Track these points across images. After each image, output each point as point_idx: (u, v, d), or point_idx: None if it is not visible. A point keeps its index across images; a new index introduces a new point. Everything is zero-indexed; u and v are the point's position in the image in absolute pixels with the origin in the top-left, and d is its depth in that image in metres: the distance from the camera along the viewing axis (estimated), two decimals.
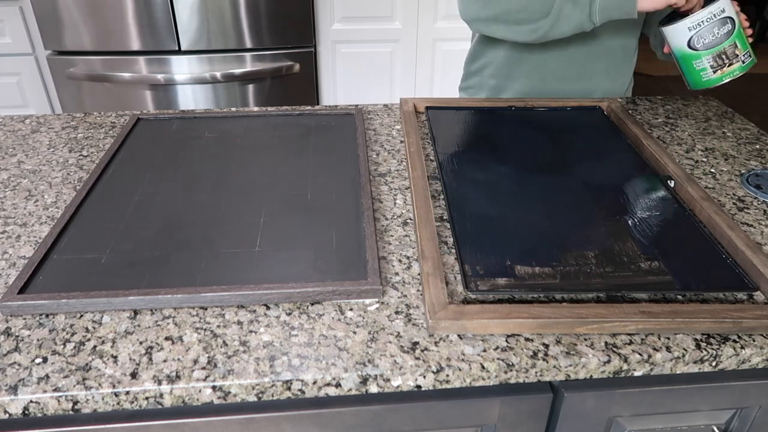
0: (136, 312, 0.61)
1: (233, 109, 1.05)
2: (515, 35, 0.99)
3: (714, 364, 0.59)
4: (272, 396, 0.55)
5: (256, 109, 1.05)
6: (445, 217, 0.76)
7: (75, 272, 0.65)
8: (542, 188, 0.80)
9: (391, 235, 0.73)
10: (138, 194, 0.79)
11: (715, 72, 0.91)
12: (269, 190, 0.80)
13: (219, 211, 0.75)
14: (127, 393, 0.53)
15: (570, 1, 0.93)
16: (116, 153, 0.89)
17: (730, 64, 0.90)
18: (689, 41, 0.90)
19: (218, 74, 1.95)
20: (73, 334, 0.58)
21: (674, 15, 0.93)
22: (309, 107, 1.06)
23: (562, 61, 1.10)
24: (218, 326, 0.59)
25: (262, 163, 0.87)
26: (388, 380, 0.55)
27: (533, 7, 0.95)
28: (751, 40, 0.93)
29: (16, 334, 0.58)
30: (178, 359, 0.56)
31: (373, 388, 0.56)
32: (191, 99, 2.00)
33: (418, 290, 0.64)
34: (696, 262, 0.67)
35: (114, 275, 0.64)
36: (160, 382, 0.53)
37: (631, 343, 0.58)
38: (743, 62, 0.90)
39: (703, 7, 0.89)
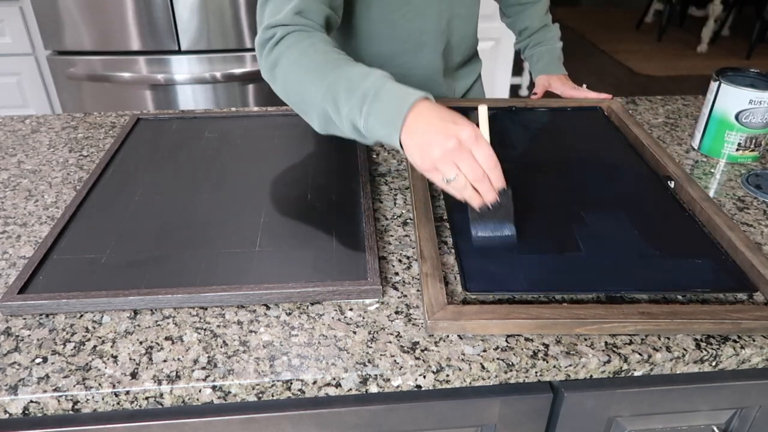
0: (136, 312, 0.61)
1: (233, 109, 1.05)
2: (307, 119, 0.76)
3: (714, 364, 0.59)
4: (272, 396, 0.55)
5: (256, 109, 1.05)
6: (444, 217, 0.76)
7: (75, 272, 0.65)
8: (542, 188, 0.80)
9: (391, 235, 0.73)
10: (138, 194, 0.79)
11: (737, 150, 0.92)
12: (269, 190, 0.80)
13: (219, 211, 0.75)
14: (127, 393, 0.53)
15: (333, 108, 0.68)
16: (116, 153, 0.89)
17: (751, 150, 0.92)
18: (740, 112, 0.89)
19: (218, 74, 1.95)
20: (73, 334, 0.58)
21: (733, 78, 0.92)
22: None
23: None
24: (218, 326, 0.59)
25: (262, 163, 0.87)
26: (388, 380, 0.55)
27: (304, 94, 0.72)
28: None
29: (16, 334, 0.58)
30: (178, 359, 0.56)
31: (373, 388, 0.56)
32: (191, 99, 2.00)
33: (418, 290, 0.64)
34: (696, 263, 0.67)
35: (114, 275, 0.64)
36: (160, 382, 0.53)
37: (631, 343, 0.58)
38: (759, 153, 0.93)
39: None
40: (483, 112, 0.69)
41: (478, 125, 0.66)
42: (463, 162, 0.62)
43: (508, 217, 0.69)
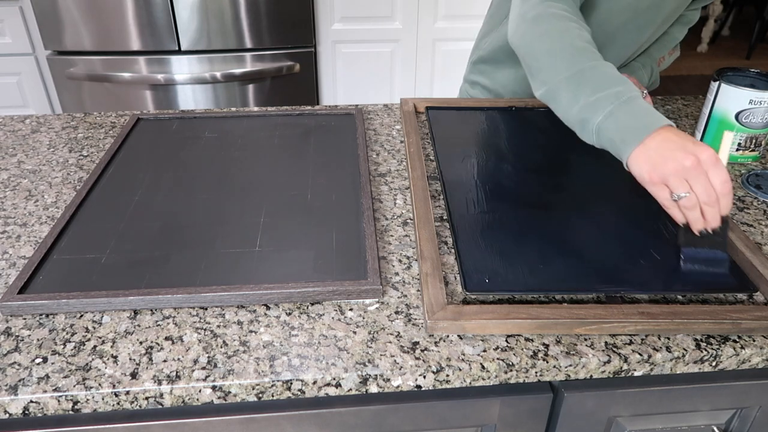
0: (136, 312, 0.61)
1: (233, 109, 1.05)
2: (531, 80, 0.78)
3: (714, 364, 0.59)
4: (272, 396, 0.55)
5: (256, 109, 1.05)
6: (444, 217, 0.76)
7: (75, 272, 0.65)
8: (542, 188, 0.80)
9: (391, 235, 0.73)
10: (138, 194, 0.79)
11: (737, 150, 0.92)
12: (269, 190, 0.80)
13: (219, 211, 0.75)
14: (127, 393, 0.53)
15: (571, 90, 0.69)
16: (116, 153, 0.89)
17: (751, 150, 0.92)
18: (740, 112, 0.89)
19: (218, 74, 1.95)
20: (73, 334, 0.58)
21: (734, 78, 0.91)
22: (309, 107, 1.06)
23: None
24: (218, 326, 0.59)
25: (262, 163, 0.87)
26: (388, 380, 0.55)
27: (547, 61, 0.73)
28: None
29: (16, 334, 0.58)
30: (178, 359, 0.56)
31: (373, 388, 0.56)
32: (191, 99, 2.01)
33: (419, 290, 0.64)
34: (696, 263, 0.67)
35: (114, 275, 0.64)
36: (160, 382, 0.53)
37: (631, 343, 0.58)
38: (759, 153, 0.92)
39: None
40: (728, 138, 0.68)
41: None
42: (698, 181, 0.61)
43: (723, 247, 0.66)
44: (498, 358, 0.56)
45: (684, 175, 0.61)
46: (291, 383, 0.54)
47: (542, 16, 0.75)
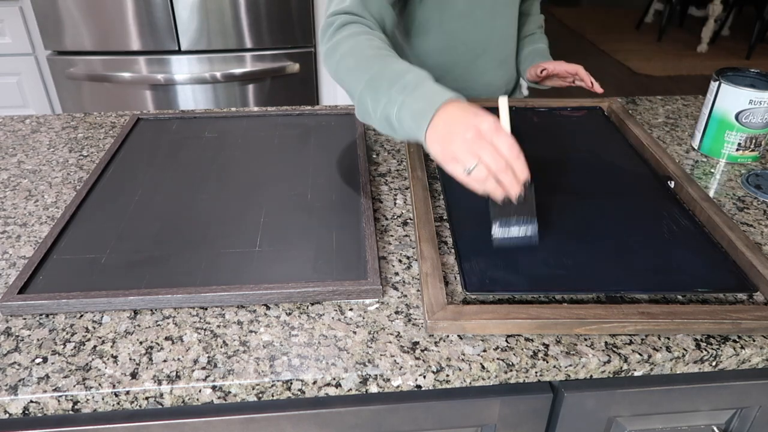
0: (136, 312, 0.61)
1: (233, 109, 1.05)
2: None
3: (714, 364, 0.59)
4: (272, 396, 0.55)
5: (256, 109, 1.05)
6: (444, 217, 0.76)
7: (75, 272, 0.65)
8: (541, 188, 0.80)
9: (391, 235, 0.73)
10: (138, 194, 0.79)
11: (737, 150, 0.92)
12: (269, 189, 0.80)
13: (219, 211, 0.75)
14: (127, 393, 0.53)
15: (372, 96, 0.71)
16: (116, 153, 0.89)
17: (751, 150, 0.92)
18: (740, 112, 0.89)
19: (218, 74, 1.95)
20: (73, 334, 0.58)
21: (734, 78, 0.91)
22: (309, 107, 1.06)
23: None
24: (218, 326, 0.59)
25: (262, 163, 0.87)
26: (388, 380, 0.55)
27: (349, 81, 0.75)
28: None
29: (16, 334, 0.58)
30: (178, 359, 0.56)
31: (373, 388, 0.56)
32: (191, 99, 2.00)
33: (419, 290, 0.64)
34: (696, 263, 0.67)
35: (114, 275, 0.64)
36: (160, 382, 0.53)
37: (631, 343, 0.58)
38: (758, 153, 0.93)
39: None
40: (503, 104, 0.68)
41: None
42: (483, 152, 0.61)
43: (531, 213, 0.66)
44: (498, 358, 0.56)
45: (469, 147, 0.61)
46: (291, 383, 0.54)
47: (335, 45, 0.78)
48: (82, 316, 0.61)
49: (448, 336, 0.58)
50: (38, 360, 0.55)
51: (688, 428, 0.66)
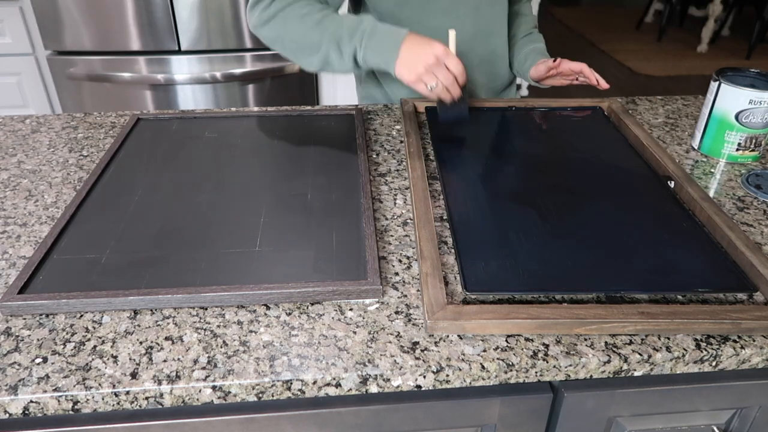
0: (136, 312, 0.61)
1: (233, 109, 1.05)
2: (297, 60, 0.93)
3: (714, 364, 0.59)
4: (272, 396, 0.55)
5: (256, 109, 1.05)
6: (444, 217, 0.76)
7: (75, 272, 0.65)
8: (542, 188, 0.80)
9: (391, 235, 0.73)
10: (138, 194, 0.79)
11: (737, 150, 0.92)
12: (269, 190, 0.80)
13: (219, 211, 0.75)
14: (127, 393, 0.53)
15: (335, 50, 0.87)
16: (116, 153, 0.89)
17: (751, 150, 0.92)
18: (740, 112, 0.88)
19: (218, 74, 1.95)
20: (73, 334, 0.58)
21: (733, 78, 0.91)
22: (309, 107, 1.06)
23: None
24: (218, 326, 0.59)
25: (262, 163, 0.87)
26: (388, 380, 0.55)
27: (303, 42, 0.89)
28: None
29: (16, 334, 0.58)
30: (178, 359, 0.56)
31: (373, 388, 0.56)
32: (191, 99, 2.00)
33: (419, 290, 0.64)
34: (696, 263, 0.67)
35: (114, 275, 0.64)
36: (160, 382, 0.53)
37: (631, 343, 0.58)
38: (759, 153, 0.93)
39: None
40: (452, 35, 0.89)
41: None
42: (440, 72, 0.84)
43: (466, 103, 0.90)
44: (498, 358, 0.56)
45: (430, 70, 0.83)
46: (291, 383, 0.54)
47: (275, 13, 0.90)
48: (82, 316, 0.61)
49: (448, 336, 0.58)
50: (38, 360, 0.55)
51: (688, 428, 0.66)
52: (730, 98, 0.89)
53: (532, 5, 1.25)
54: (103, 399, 0.53)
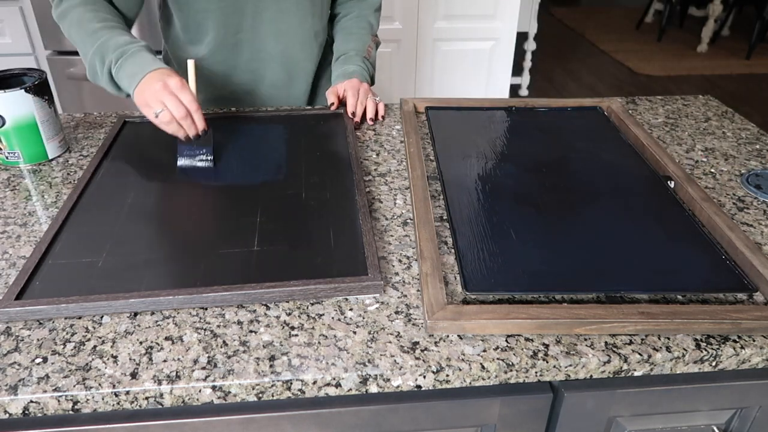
0: (136, 312, 0.61)
1: (233, 109, 1.05)
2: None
3: (714, 364, 0.59)
4: (272, 396, 0.55)
5: (253, 109, 1.05)
6: (444, 217, 0.76)
7: (72, 276, 0.64)
8: (542, 188, 0.80)
9: (391, 235, 0.73)
10: (131, 196, 0.79)
11: None
12: (265, 189, 0.80)
13: (213, 212, 0.75)
14: (127, 393, 0.53)
15: (99, 61, 0.87)
16: (106, 154, 0.89)
17: None
18: None
19: None
20: (73, 334, 0.58)
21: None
22: (304, 107, 1.06)
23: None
24: (218, 326, 0.59)
25: (259, 162, 0.87)
26: (388, 380, 0.55)
27: (80, 47, 0.90)
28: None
29: (16, 334, 0.58)
30: (178, 359, 0.56)
31: (373, 388, 0.56)
32: None
33: (418, 290, 0.64)
34: (696, 263, 0.67)
35: (113, 278, 0.64)
36: (160, 382, 0.53)
37: (631, 343, 0.58)
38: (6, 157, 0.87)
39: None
40: (191, 65, 0.86)
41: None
42: (168, 101, 0.80)
43: (208, 145, 0.85)
44: (498, 358, 0.56)
45: (157, 97, 0.81)
46: (291, 383, 0.54)
47: (65, 11, 0.91)
48: (81, 316, 0.61)
49: (448, 336, 0.58)
50: (38, 360, 0.55)
51: (688, 428, 0.66)
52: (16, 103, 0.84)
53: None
54: (103, 399, 0.53)
